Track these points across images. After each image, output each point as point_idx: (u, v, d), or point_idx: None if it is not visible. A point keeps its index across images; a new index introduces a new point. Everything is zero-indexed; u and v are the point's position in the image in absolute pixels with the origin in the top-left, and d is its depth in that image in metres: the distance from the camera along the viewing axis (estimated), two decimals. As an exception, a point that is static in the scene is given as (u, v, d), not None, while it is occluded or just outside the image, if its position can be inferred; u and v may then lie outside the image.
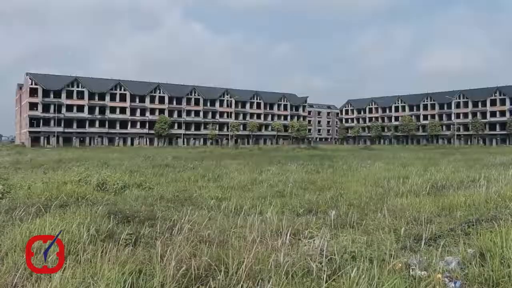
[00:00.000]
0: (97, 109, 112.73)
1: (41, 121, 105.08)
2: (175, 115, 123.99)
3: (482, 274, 5.50)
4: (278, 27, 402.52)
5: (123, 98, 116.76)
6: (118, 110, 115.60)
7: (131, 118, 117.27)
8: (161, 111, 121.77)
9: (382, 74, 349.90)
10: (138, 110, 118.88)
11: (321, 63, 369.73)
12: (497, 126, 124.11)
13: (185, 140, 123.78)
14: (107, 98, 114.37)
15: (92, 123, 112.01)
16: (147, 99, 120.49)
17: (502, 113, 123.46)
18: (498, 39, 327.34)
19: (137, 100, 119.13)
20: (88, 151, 59.23)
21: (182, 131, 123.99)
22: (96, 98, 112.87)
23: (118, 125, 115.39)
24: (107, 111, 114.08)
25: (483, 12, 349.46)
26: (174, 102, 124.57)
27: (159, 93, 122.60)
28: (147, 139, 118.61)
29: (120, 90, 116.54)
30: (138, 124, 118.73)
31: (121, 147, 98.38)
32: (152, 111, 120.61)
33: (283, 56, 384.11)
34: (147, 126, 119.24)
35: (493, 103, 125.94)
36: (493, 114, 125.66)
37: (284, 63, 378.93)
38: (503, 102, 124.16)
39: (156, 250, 5.96)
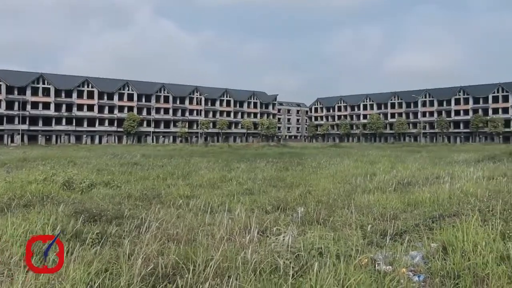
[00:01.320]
0: (64, 107, 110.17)
1: (5, 118, 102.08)
2: (144, 112, 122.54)
3: (444, 267, 5.67)
4: (250, 25, 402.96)
5: (91, 95, 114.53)
6: (85, 108, 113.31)
7: (99, 116, 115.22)
8: (130, 108, 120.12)
9: (352, 73, 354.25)
10: (107, 108, 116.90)
11: (292, 61, 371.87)
12: (461, 125, 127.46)
13: (154, 138, 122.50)
14: (74, 95, 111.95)
15: (58, 120, 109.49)
16: (116, 97, 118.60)
17: (466, 112, 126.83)
18: (463, 40, 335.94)
19: (105, 97, 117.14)
20: (55, 149, 57.93)
21: (151, 129, 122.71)
22: (63, 95, 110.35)
23: (85, 123, 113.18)
24: (74, 109, 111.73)
25: (450, 12, 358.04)
26: (143, 100, 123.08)
27: (128, 90, 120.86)
28: (116, 137, 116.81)
29: (88, 87, 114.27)
30: (107, 121, 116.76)
31: (89, 145, 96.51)
32: (121, 109, 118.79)
33: (254, 55, 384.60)
34: (115, 124, 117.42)
35: (457, 102, 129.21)
36: (457, 113, 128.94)
37: (255, 62, 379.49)
38: (466, 101, 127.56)
39: (123, 249, 5.91)
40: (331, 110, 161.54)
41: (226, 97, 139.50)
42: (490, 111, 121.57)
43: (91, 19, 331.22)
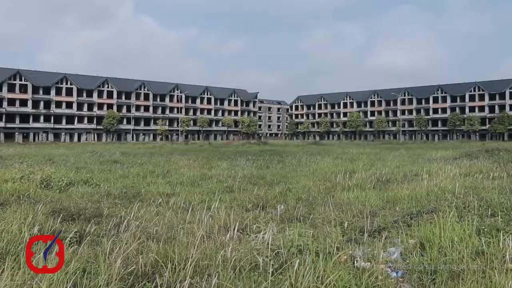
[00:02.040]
0: (41, 104, 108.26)
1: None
2: (124, 110, 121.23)
3: (422, 263, 5.75)
4: (231, 22, 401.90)
5: (69, 92, 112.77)
6: (64, 105, 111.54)
7: (78, 113, 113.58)
8: (110, 106, 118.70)
9: (332, 71, 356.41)
10: (86, 105, 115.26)
11: (272, 59, 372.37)
12: (439, 123, 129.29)
13: (134, 135, 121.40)
14: (53, 92, 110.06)
15: (36, 118, 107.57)
16: (95, 94, 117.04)
17: (444, 110, 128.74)
18: (441, 39, 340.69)
19: (85, 94, 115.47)
20: (32, 147, 56.95)
21: (131, 127, 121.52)
22: (41, 92, 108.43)
23: (64, 120, 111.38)
24: (53, 106, 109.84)
25: (429, 12, 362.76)
26: (123, 97, 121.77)
27: (108, 87, 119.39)
28: (95, 135, 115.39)
29: (67, 84, 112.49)
30: (86, 119, 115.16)
31: (67, 143, 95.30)
32: (100, 106, 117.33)
33: (235, 52, 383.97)
34: (94, 122, 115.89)
35: (435, 100, 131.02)
36: (435, 111, 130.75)
37: (236, 59, 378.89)
38: (444, 100, 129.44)
39: (102, 248, 5.85)
40: (311, 108, 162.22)
41: (207, 94, 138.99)
42: (467, 109, 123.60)
43: (68, 14, 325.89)
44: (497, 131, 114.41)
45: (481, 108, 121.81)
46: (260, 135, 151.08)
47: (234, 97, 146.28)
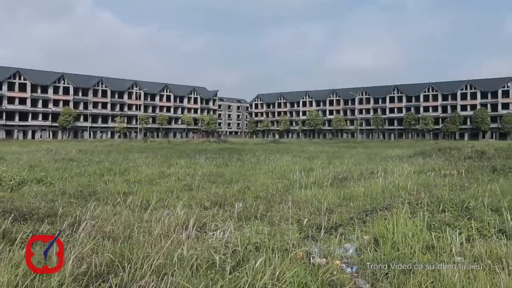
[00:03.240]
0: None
1: None
2: (81, 107, 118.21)
3: (376, 258, 5.91)
4: (191, 19, 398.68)
5: (23, 88, 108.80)
6: (17, 101, 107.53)
7: (32, 110, 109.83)
8: (66, 102, 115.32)
9: (292, 70, 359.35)
10: (40, 101, 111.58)
11: (233, 57, 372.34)
12: (395, 122, 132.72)
13: (91, 133, 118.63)
14: (5, 87, 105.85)
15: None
16: (50, 90, 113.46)
17: (400, 110, 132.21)
18: (398, 40, 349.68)
19: (39, 90, 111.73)
20: (-18, 145, 54.82)
21: (88, 124, 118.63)
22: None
23: (17, 117, 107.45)
24: (5, 102, 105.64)
25: (387, 14, 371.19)
26: (80, 94, 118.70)
27: (64, 83, 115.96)
28: (50, 132, 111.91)
29: (20, 79, 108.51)
30: (40, 116, 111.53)
31: (20, 140, 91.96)
32: (56, 103, 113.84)
33: (195, 50, 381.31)
34: (50, 118, 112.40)
35: (391, 100, 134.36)
36: (391, 110, 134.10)
37: (196, 57, 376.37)
38: (400, 100, 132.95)
39: (55, 248, 5.70)
40: (271, 106, 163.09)
41: (166, 92, 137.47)
42: (422, 109, 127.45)
43: (23, 7, 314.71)
44: (449, 131, 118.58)
45: (435, 108, 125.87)
46: (220, 133, 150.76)
47: (194, 95, 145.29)
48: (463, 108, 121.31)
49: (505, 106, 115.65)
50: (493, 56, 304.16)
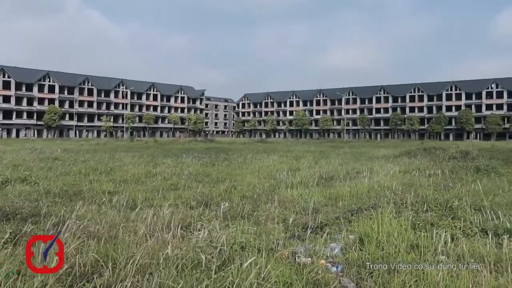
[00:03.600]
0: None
1: None
2: (67, 105, 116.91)
3: (361, 257, 5.95)
4: (179, 18, 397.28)
5: (7, 85, 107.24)
6: (1, 99, 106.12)
7: (16, 108, 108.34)
8: (51, 101, 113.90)
9: (279, 70, 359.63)
10: (25, 99, 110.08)
11: (220, 56, 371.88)
12: (381, 122, 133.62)
13: (77, 132, 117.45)
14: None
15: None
16: (35, 88, 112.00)
17: (386, 110, 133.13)
18: (385, 41, 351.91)
19: (24, 88, 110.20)
20: (-35, 143, 54.04)
21: (74, 123, 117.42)
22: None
23: (1, 115, 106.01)
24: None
25: (374, 15, 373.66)
26: (66, 92, 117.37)
27: (49, 81, 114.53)
28: (35, 131, 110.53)
29: (4, 77, 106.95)
30: (25, 114, 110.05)
31: (4, 139, 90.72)
32: (41, 101, 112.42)
33: (182, 49, 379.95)
34: (35, 117, 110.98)
35: (378, 100, 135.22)
36: (378, 110, 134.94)
37: (183, 56, 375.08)
38: (386, 100, 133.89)
39: (38, 248, 5.65)
40: (258, 106, 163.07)
41: (153, 91, 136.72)
42: (407, 110, 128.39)
43: (6, 2, 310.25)
44: (435, 131, 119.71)
45: (420, 109, 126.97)
46: (207, 132, 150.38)
47: (181, 94, 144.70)
48: (448, 108, 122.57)
49: (489, 107, 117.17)
50: (478, 58, 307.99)
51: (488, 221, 7.72)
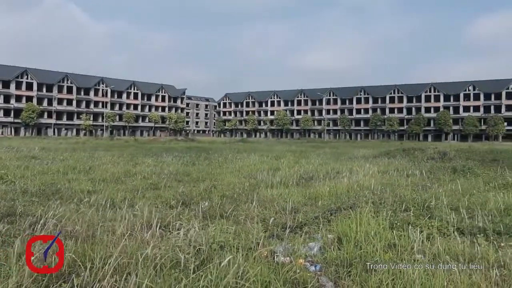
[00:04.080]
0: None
1: None
2: (45, 103, 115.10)
3: (339, 256, 6.00)
4: (160, 17, 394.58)
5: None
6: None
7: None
8: (29, 98, 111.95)
9: (260, 70, 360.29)
10: (2, 97, 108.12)
11: (201, 56, 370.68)
12: (362, 122, 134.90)
13: (56, 130, 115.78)
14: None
15: None
16: (12, 85, 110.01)
17: (366, 111, 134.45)
18: (366, 42, 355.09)
19: (1, 85, 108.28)
20: None
21: (52, 121, 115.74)
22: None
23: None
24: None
25: (354, 16, 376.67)
26: (44, 90, 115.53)
27: (27, 79, 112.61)
28: (12, 129, 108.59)
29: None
30: (1, 112, 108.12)
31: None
32: (18, 98, 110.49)
33: (163, 47, 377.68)
34: (12, 115, 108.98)
35: (358, 101, 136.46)
36: (358, 111, 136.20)
37: (164, 55, 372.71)
38: (366, 101, 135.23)
39: (13, 248, 5.55)
40: (239, 106, 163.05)
41: (134, 89, 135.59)
42: (387, 111, 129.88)
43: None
44: (414, 132, 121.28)
45: (400, 110, 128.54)
46: (188, 131, 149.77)
47: (162, 93, 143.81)
48: (427, 110, 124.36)
49: (466, 109, 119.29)
50: (456, 59, 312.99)
51: (463, 220, 7.85)
